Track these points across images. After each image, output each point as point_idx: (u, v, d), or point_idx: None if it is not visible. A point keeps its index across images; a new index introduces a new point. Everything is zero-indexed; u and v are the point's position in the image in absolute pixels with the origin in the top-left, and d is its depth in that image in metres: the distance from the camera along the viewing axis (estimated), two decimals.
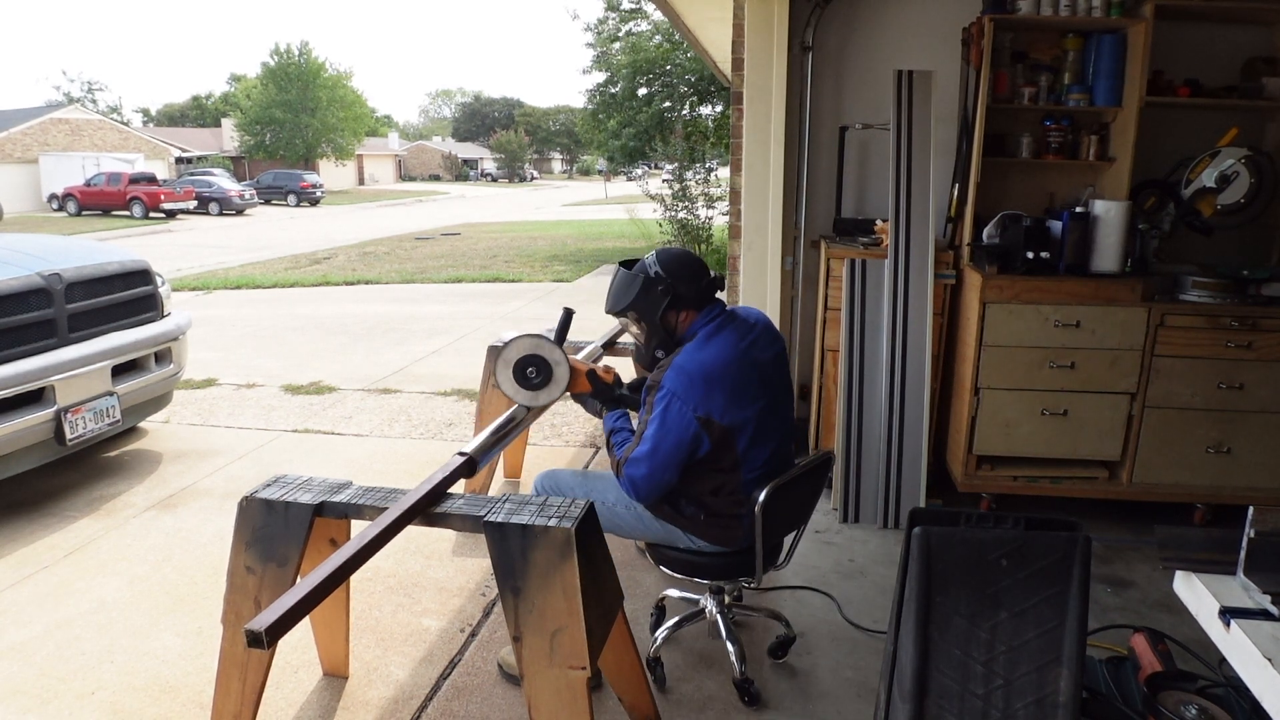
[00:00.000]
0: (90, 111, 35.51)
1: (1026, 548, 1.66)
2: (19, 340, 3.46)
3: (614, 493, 2.29)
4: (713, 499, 2.19)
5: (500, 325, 7.83)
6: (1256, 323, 3.15)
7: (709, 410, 2.07)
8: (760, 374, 2.17)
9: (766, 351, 2.22)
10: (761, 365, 2.18)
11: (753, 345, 2.18)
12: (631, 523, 2.30)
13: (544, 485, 2.39)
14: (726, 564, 2.29)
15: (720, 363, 2.10)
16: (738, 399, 2.10)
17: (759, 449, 2.16)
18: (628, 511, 2.29)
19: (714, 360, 2.10)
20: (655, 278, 2.19)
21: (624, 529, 2.33)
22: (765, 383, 2.18)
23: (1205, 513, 3.37)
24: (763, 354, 2.20)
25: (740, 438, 2.12)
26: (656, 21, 14.54)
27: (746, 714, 2.29)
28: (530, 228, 20.41)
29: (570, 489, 2.35)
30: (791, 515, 2.30)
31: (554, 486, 2.38)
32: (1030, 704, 1.63)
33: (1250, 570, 1.55)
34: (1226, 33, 3.56)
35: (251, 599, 1.94)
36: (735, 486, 2.16)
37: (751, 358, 2.16)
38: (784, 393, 2.27)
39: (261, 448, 4.43)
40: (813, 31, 3.81)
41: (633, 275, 2.22)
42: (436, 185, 51.21)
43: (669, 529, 2.27)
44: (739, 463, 2.14)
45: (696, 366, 2.09)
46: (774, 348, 2.26)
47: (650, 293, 2.19)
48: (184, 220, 24.28)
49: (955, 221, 3.66)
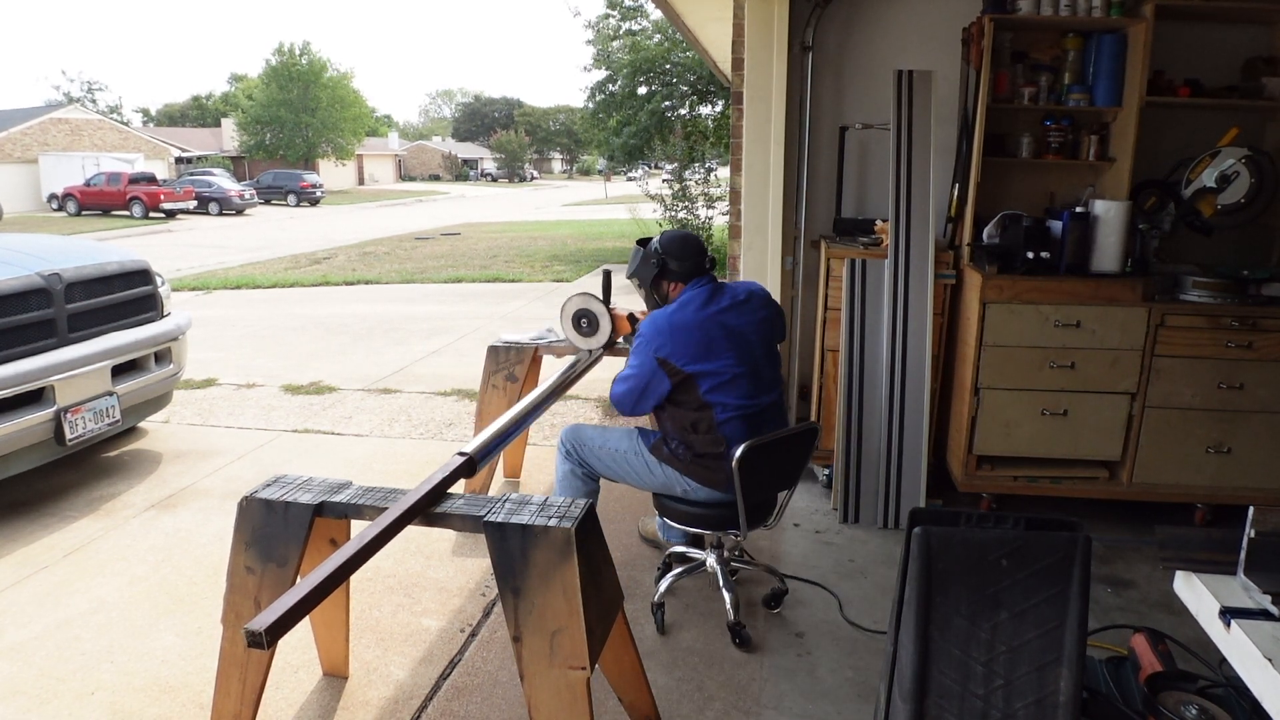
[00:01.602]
0: (90, 111, 35.50)
1: (1027, 548, 1.66)
2: (19, 340, 3.46)
3: (626, 441, 2.69)
4: (693, 435, 2.53)
5: (500, 325, 7.83)
6: (1257, 323, 3.15)
7: (668, 355, 2.48)
8: (728, 334, 2.51)
9: (745, 317, 2.57)
10: (732, 328, 2.53)
11: (727, 310, 2.55)
12: (639, 469, 2.66)
13: (568, 436, 2.79)
14: (720, 515, 2.58)
15: (683, 320, 2.51)
16: (698, 352, 2.47)
17: (726, 395, 2.49)
18: (636, 458, 2.66)
19: (679, 318, 2.52)
20: (651, 252, 2.69)
21: (633, 475, 2.69)
22: (735, 342, 2.51)
23: (1205, 513, 3.37)
24: (738, 319, 2.55)
25: (702, 383, 2.47)
26: (656, 20, 14.56)
27: (746, 714, 2.29)
28: (530, 228, 20.41)
29: (591, 438, 2.75)
30: (775, 476, 2.56)
31: (576, 437, 2.77)
32: (1030, 704, 1.63)
33: (1250, 570, 1.55)
34: (1226, 33, 3.56)
35: (251, 599, 1.94)
36: (710, 425, 2.49)
37: (720, 320, 2.52)
38: (763, 351, 2.60)
39: (261, 448, 4.43)
40: (813, 31, 3.81)
41: (641, 250, 2.75)
42: (436, 185, 51.21)
43: (666, 473, 2.60)
44: (706, 404, 2.49)
45: (663, 319, 2.53)
46: (758, 314, 2.60)
47: (646, 264, 2.70)
48: (184, 220, 24.28)
49: (955, 221, 3.66)
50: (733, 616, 2.61)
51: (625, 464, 2.68)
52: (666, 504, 2.67)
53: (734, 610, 2.62)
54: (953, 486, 3.55)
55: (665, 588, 2.74)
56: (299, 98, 38.44)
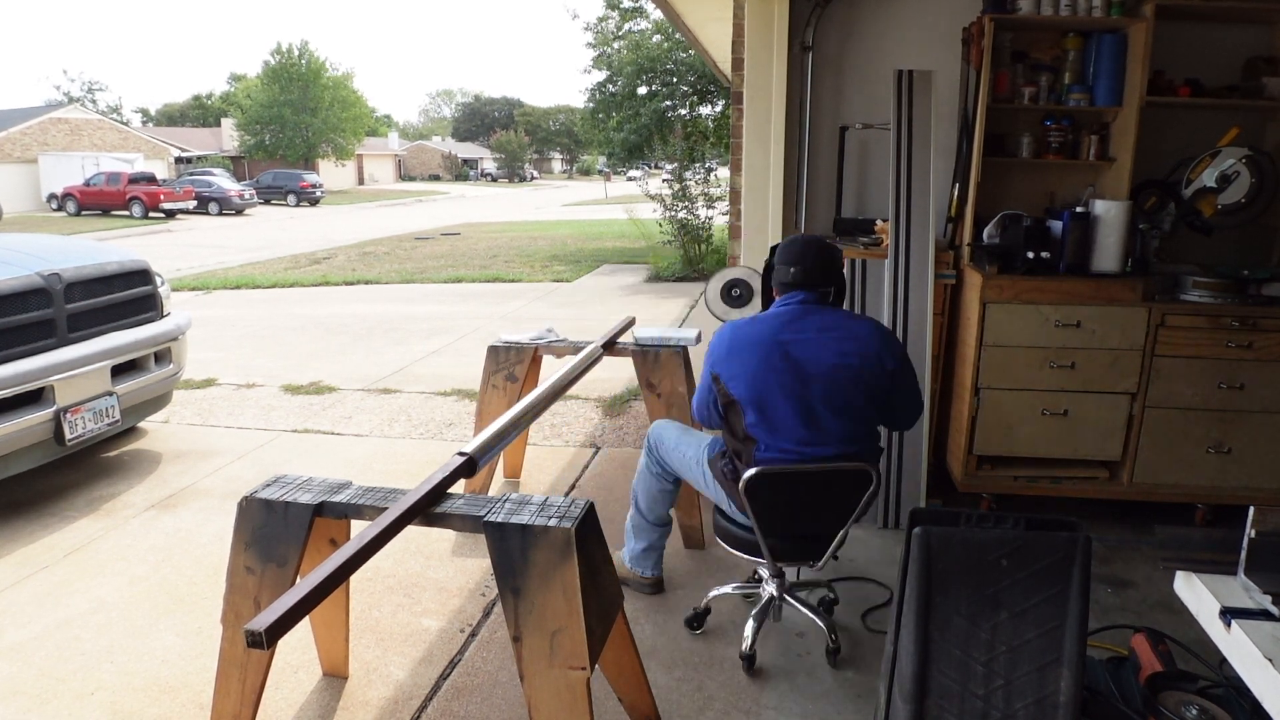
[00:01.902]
0: (90, 111, 35.52)
1: (1027, 548, 1.66)
2: (18, 340, 3.46)
3: (696, 448, 2.59)
4: (739, 463, 2.33)
5: (500, 325, 7.83)
6: (1257, 323, 3.14)
7: (720, 373, 2.29)
8: (790, 365, 2.18)
9: (817, 351, 2.20)
10: (795, 359, 2.19)
11: (797, 338, 2.21)
12: (698, 478, 2.58)
13: (652, 431, 2.77)
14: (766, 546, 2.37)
15: (744, 338, 2.26)
16: (747, 376, 2.22)
17: (770, 435, 2.22)
18: (697, 467, 2.56)
19: (741, 334, 2.28)
20: (770, 254, 2.57)
21: (697, 484, 2.60)
22: (792, 375, 2.18)
23: (1205, 513, 3.37)
24: (806, 351, 2.19)
25: (746, 412, 2.24)
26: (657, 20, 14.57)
27: (746, 714, 2.29)
28: (530, 228, 20.41)
29: (669, 438, 2.70)
30: (810, 514, 2.32)
31: (657, 434, 2.74)
32: (1030, 704, 1.63)
33: (1251, 570, 1.55)
34: (1227, 32, 3.55)
35: (251, 599, 1.94)
36: (750, 458, 2.28)
37: (785, 350, 2.20)
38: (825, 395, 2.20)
39: (261, 448, 4.42)
40: (813, 31, 3.81)
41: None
42: (436, 185, 51.22)
43: (718, 490, 2.47)
44: (748, 436, 2.26)
45: (728, 332, 2.31)
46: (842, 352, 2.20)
47: (767, 265, 2.59)
48: (183, 220, 24.28)
49: (955, 221, 3.66)
50: (747, 647, 2.48)
51: (689, 470, 2.60)
52: (718, 520, 2.55)
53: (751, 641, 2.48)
54: (953, 486, 3.55)
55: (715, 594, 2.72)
56: (299, 98, 38.45)
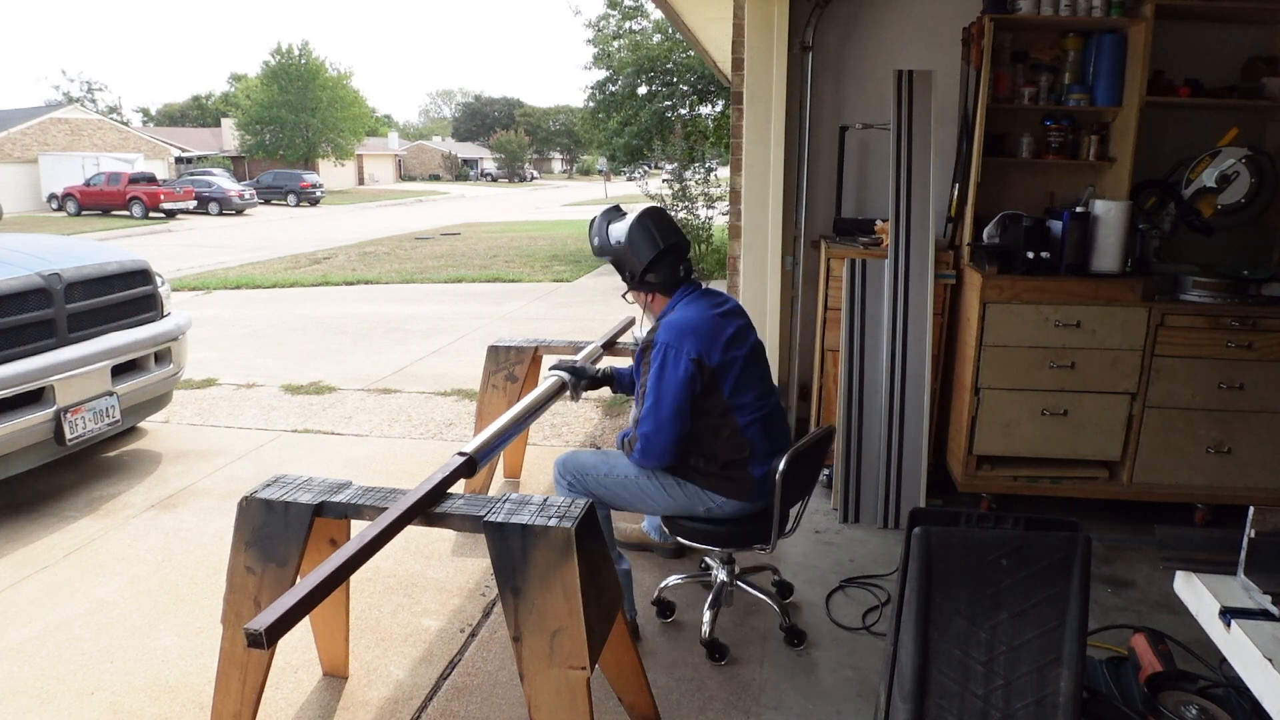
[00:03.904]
0: (90, 111, 35.50)
1: (1026, 548, 1.66)
2: (18, 340, 3.46)
3: (623, 465, 2.46)
4: (714, 442, 2.36)
5: (500, 325, 7.82)
6: (1257, 323, 3.15)
7: (699, 353, 2.31)
8: (735, 330, 2.41)
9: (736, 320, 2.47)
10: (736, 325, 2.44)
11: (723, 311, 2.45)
12: (654, 492, 2.43)
13: (566, 465, 2.52)
14: (743, 531, 2.44)
15: (698, 317, 2.37)
16: (719, 345, 2.35)
17: (744, 394, 2.37)
18: (650, 481, 2.43)
19: (694, 316, 2.38)
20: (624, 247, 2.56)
21: (647, 500, 2.45)
22: (740, 339, 2.42)
23: (1205, 513, 3.37)
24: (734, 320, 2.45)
25: (725, 380, 2.33)
26: (657, 20, 14.56)
27: (746, 714, 2.29)
28: (530, 228, 20.40)
29: (593, 466, 2.49)
30: (801, 485, 2.48)
31: (576, 466, 2.51)
32: (1030, 704, 1.63)
33: (1251, 570, 1.55)
34: (1227, 32, 3.56)
35: (251, 599, 1.94)
36: (732, 430, 2.35)
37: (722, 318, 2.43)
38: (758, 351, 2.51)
39: (261, 448, 4.43)
40: (813, 31, 3.81)
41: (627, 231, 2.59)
42: (436, 185, 51.20)
43: (688, 491, 2.41)
44: (729, 407, 2.34)
45: (682, 320, 2.36)
46: (742, 319, 2.51)
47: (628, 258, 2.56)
48: (184, 220, 24.27)
49: (955, 221, 3.66)
50: (707, 634, 2.54)
51: (636, 489, 2.43)
52: (684, 525, 2.47)
53: (710, 628, 2.55)
54: (953, 486, 3.55)
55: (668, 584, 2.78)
56: (299, 98, 38.44)
